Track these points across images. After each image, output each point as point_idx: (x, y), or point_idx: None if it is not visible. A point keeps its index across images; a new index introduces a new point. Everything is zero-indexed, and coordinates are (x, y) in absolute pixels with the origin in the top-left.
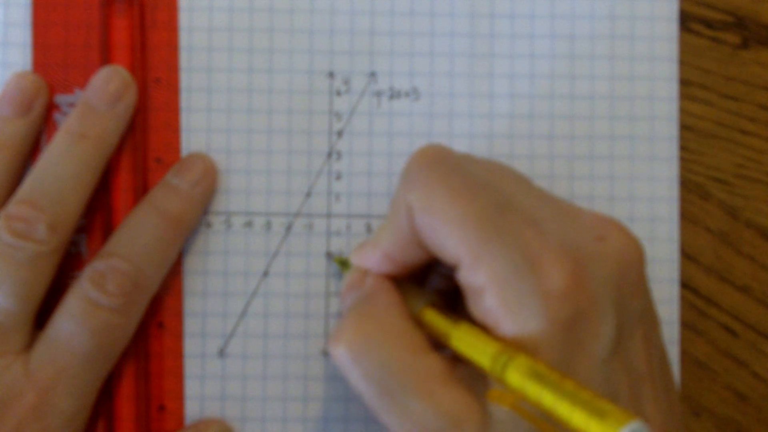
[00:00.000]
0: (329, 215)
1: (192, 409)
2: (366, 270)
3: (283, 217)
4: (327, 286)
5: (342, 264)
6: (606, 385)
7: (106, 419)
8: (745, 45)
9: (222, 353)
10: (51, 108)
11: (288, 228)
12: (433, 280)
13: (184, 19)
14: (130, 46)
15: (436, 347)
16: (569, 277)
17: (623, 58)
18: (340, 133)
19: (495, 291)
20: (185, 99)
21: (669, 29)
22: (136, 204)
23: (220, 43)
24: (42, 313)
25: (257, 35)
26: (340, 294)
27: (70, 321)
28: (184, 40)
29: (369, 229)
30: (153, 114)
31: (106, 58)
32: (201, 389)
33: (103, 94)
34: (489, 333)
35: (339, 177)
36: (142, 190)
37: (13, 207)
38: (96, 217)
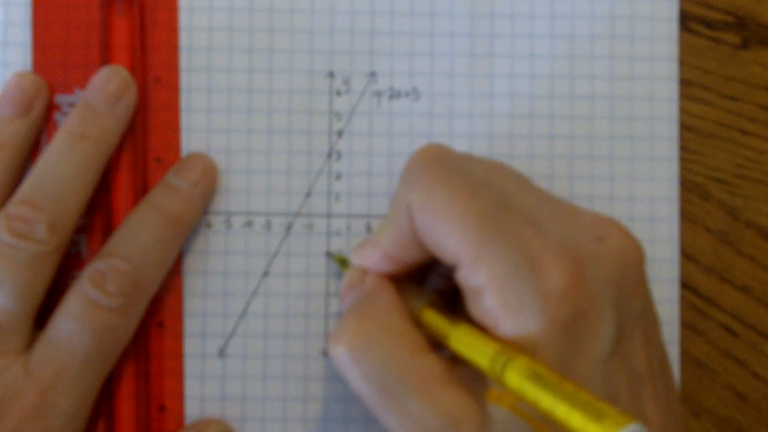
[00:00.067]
0: (329, 215)
1: (192, 409)
2: (365, 269)
3: (283, 217)
4: (327, 286)
5: (341, 262)
6: (606, 385)
7: (106, 419)
8: (745, 45)
9: (222, 353)
10: (51, 108)
11: (288, 228)
12: (433, 280)
13: (184, 19)
14: (130, 46)
15: (435, 347)
16: (569, 277)
17: (623, 58)
18: (340, 133)
19: (495, 291)
20: (185, 99)
21: (669, 29)
22: (136, 204)
23: (220, 43)
24: (42, 313)
25: (257, 35)
26: (339, 293)
27: (70, 321)
28: (184, 40)
29: (369, 229)
30: (153, 114)
31: (106, 58)
32: (201, 389)
33: (103, 94)
34: (488, 333)
35: (339, 177)
36: (142, 190)
37: (13, 207)
38: (96, 217)
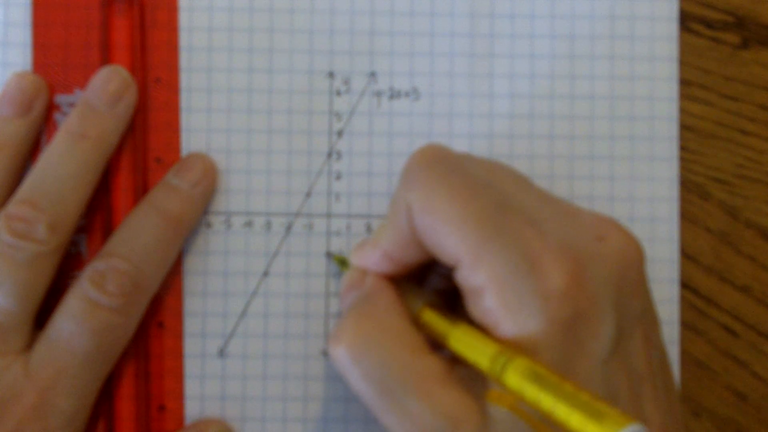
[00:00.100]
0: (329, 215)
1: (192, 409)
2: (365, 270)
3: (283, 217)
4: (327, 286)
5: (341, 262)
6: (606, 386)
7: (106, 419)
8: (745, 45)
9: (222, 353)
10: (51, 108)
11: (288, 228)
12: (432, 280)
13: (184, 19)
14: (130, 46)
15: (435, 348)
16: (569, 277)
17: (623, 58)
18: (340, 133)
19: (494, 291)
20: (185, 99)
21: (669, 29)
22: (136, 204)
23: (220, 43)
24: (42, 313)
25: (257, 35)
26: (339, 294)
27: (70, 321)
28: (184, 40)
29: (369, 229)
30: (153, 114)
31: (106, 58)
32: (201, 389)
33: (103, 94)
34: (488, 333)
35: (339, 177)
36: (142, 190)
37: (13, 207)
38: (96, 217)
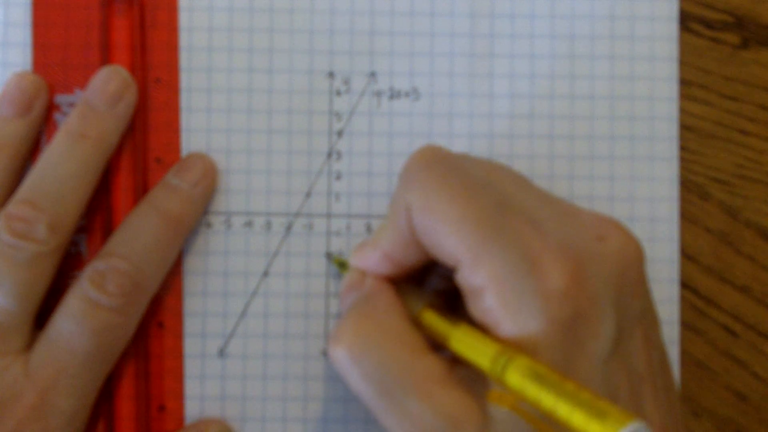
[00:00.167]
0: (329, 215)
1: (192, 409)
2: (365, 271)
3: (283, 217)
4: (327, 286)
5: (341, 265)
6: (606, 385)
7: (106, 419)
8: (745, 45)
9: (222, 353)
10: (51, 108)
11: (288, 228)
12: (432, 280)
13: (184, 19)
14: (130, 46)
15: (435, 348)
16: (569, 277)
17: (623, 58)
18: (340, 133)
19: (494, 291)
20: (185, 99)
21: (669, 29)
22: (136, 204)
23: (220, 43)
24: (42, 313)
25: (257, 35)
26: (339, 295)
27: (70, 321)
28: (184, 40)
29: (369, 229)
30: (153, 114)
31: (106, 58)
32: (201, 389)
33: (103, 94)
34: (488, 333)
35: (339, 177)
36: (142, 190)
37: (13, 207)
38: (96, 217)
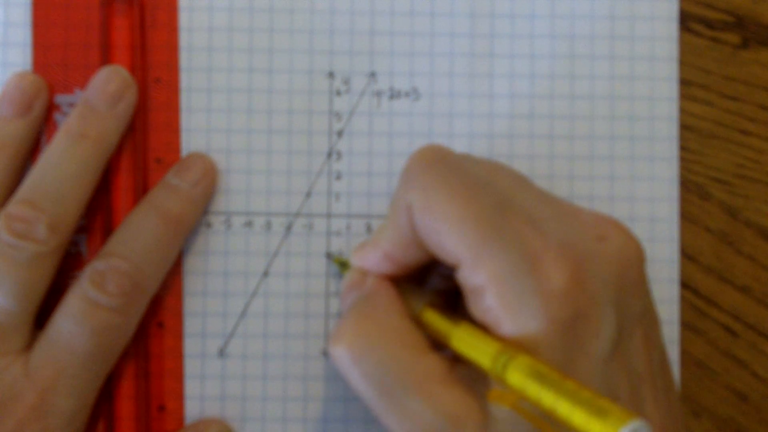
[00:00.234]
0: (329, 215)
1: (192, 409)
2: (366, 270)
3: (283, 217)
4: (327, 286)
5: (341, 265)
6: (606, 385)
7: (106, 419)
8: (745, 45)
9: (222, 353)
10: (51, 108)
11: (288, 228)
12: (433, 280)
13: (184, 19)
14: (130, 46)
15: (436, 347)
16: (569, 276)
17: (623, 58)
18: (340, 133)
19: (495, 291)
20: (185, 99)
21: (669, 29)
22: (136, 204)
23: (220, 43)
24: (42, 313)
25: (257, 35)
26: (339, 294)
27: (70, 321)
28: (184, 40)
29: (369, 229)
30: (153, 114)
31: (106, 58)
32: (201, 389)
33: (103, 94)
34: (489, 333)
35: (339, 177)
36: (142, 190)
37: (13, 207)
38: (96, 217)
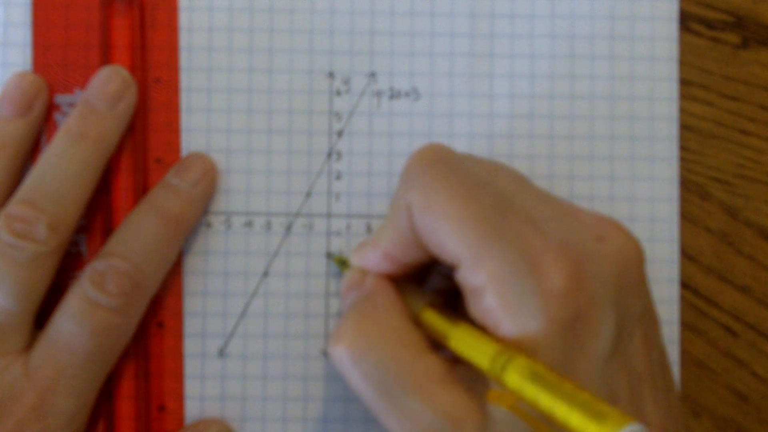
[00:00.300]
0: (329, 215)
1: (192, 409)
2: (365, 270)
3: (283, 217)
4: (327, 286)
5: (341, 263)
6: (605, 386)
7: (106, 419)
8: (745, 45)
9: (222, 353)
10: (51, 108)
11: (288, 228)
12: (433, 280)
13: (184, 19)
14: (130, 46)
15: (435, 348)
16: (569, 277)
17: (623, 58)
18: (340, 133)
19: (494, 291)
20: (185, 99)
21: (669, 29)
22: (136, 204)
23: (220, 43)
24: (42, 313)
25: (257, 35)
26: (339, 294)
27: (70, 321)
28: (184, 40)
29: (369, 229)
30: (153, 114)
31: (106, 58)
32: (201, 389)
33: (103, 94)
34: (488, 333)
35: (339, 177)
36: (142, 190)
37: (13, 207)
38: (96, 217)
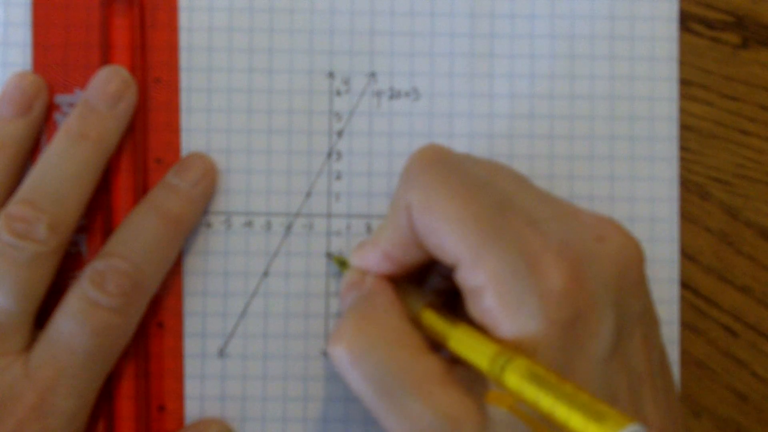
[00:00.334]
0: (329, 215)
1: (192, 409)
2: (365, 270)
3: (283, 217)
4: (327, 286)
5: (341, 263)
6: (605, 386)
7: (106, 419)
8: (745, 45)
9: (222, 353)
10: (51, 108)
11: (288, 228)
12: (432, 280)
13: (184, 19)
14: (130, 46)
15: (435, 348)
16: (569, 277)
17: (623, 58)
18: (340, 133)
19: (494, 291)
20: (185, 99)
21: (669, 29)
22: (136, 204)
23: (220, 43)
24: (42, 313)
25: (257, 35)
26: (339, 294)
27: (70, 321)
28: (184, 40)
29: (369, 229)
30: (153, 114)
31: (106, 58)
32: (201, 389)
33: (103, 94)
34: (488, 333)
35: (339, 177)
36: (142, 190)
37: (13, 207)
38: (96, 217)
